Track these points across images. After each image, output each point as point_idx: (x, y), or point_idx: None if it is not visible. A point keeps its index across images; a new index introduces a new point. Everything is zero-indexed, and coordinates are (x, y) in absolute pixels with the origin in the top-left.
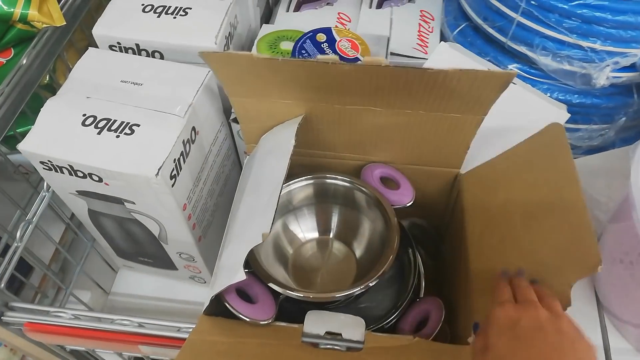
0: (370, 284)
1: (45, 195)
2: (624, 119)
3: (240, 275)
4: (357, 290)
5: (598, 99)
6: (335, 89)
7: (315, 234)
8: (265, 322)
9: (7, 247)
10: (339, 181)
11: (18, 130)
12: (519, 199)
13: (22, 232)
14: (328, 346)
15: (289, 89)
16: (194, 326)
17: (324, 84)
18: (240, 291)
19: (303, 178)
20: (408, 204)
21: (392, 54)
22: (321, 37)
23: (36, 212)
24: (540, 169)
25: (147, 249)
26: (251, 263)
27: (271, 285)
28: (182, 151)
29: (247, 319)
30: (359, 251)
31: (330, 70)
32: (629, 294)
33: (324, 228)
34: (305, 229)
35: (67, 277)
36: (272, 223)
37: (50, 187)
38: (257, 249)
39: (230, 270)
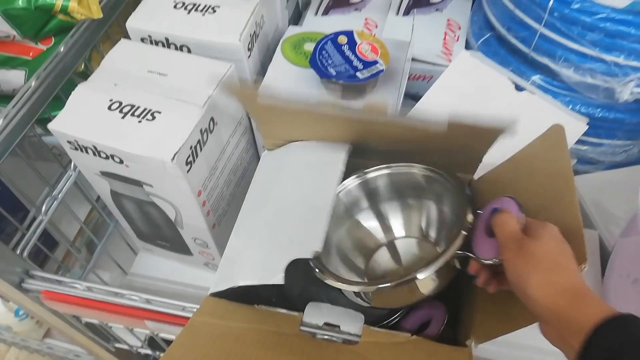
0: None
1: (71, 174)
2: None
3: (279, 279)
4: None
5: (622, 114)
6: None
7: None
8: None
9: (33, 221)
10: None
11: (52, 114)
12: None
13: (48, 207)
14: (325, 337)
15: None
16: (198, 306)
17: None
18: None
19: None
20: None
21: (414, 59)
22: (342, 39)
23: (62, 189)
24: (540, 173)
25: (164, 233)
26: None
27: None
28: (199, 139)
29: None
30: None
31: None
32: (637, 311)
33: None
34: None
35: (90, 256)
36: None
37: (76, 166)
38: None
39: (268, 271)
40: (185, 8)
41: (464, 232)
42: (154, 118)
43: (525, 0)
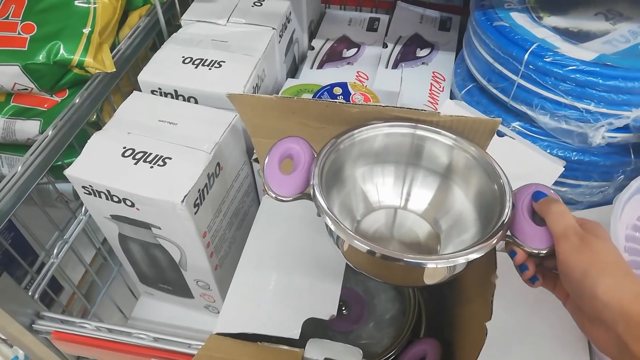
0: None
1: (82, 219)
2: (622, 177)
3: (295, 334)
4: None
5: (596, 157)
6: (347, 125)
7: (395, 202)
8: (283, 198)
9: (42, 265)
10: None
11: (65, 161)
12: None
13: (59, 250)
14: None
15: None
16: (203, 344)
17: (338, 121)
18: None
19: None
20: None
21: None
22: (337, 90)
23: (73, 233)
24: None
25: (168, 275)
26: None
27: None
28: (206, 183)
29: (272, 194)
30: (445, 230)
31: (342, 110)
32: None
33: (405, 196)
34: (384, 193)
35: (91, 301)
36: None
37: (87, 211)
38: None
39: (284, 324)
40: (193, 63)
41: (506, 219)
42: (165, 164)
43: (503, 54)
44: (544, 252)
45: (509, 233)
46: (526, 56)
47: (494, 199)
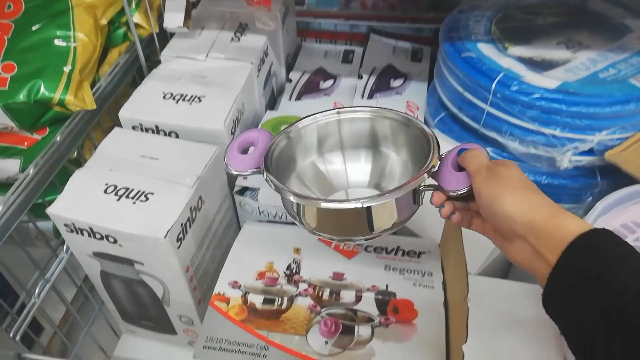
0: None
1: (64, 257)
2: (590, 198)
3: None
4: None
5: (565, 180)
6: None
7: (343, 183)
8: (238, 173)
9: (23, 305)
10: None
11: (46, 199)
12: None
13: (40, 290)
14: None
15: None
16: None
17: None
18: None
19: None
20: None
21: None
22: None
23: (54, 272)
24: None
25: (150, 312)
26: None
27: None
28: (188, 217)
29: (231, 170)
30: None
31: None
32: None
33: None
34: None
35: (73, 340)
36: None
37: (69, 248)
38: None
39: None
40: (174, 98)
41: (428, 170)
42: (147, 199)
43: (471, 83)
44: (462, 192)
45: (434, 182)
46: (494, 85)
47: (423, 151)
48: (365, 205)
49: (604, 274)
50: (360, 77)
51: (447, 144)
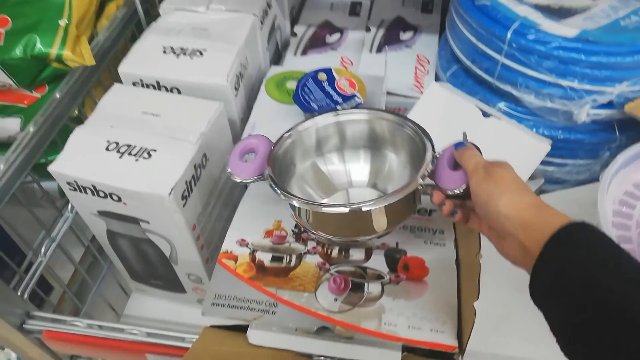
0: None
1: (69, 216)
2: (608, 154)
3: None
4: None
5: (582, 135)
6: None
7: (344, 183)
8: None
9: (30, 264)
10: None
11: (49, 158)
12: None
13: (46, 249)
14: (321, 358)
15: None
16: (197, 336)
17: None
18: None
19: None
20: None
21: (389, 93)
22: (322, 76)
23: (60, 231)
24: None
25: (158, 271)
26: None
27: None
28: (193, 174)
29: (236, 178)
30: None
31: None
32: None
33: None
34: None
35: (83, 299)
36: None
37: (74, 207)
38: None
39: None
40: (174, 52)
41: (423, 173)
42: (150, 156)
43: (486, 34)
44: (459, 190)
45: (432, 182)
46: (509, 34)
47: (419, 150)
48: (364, 209)
49: (582, 264)
50: (368, 30)
51: (459, 99)
